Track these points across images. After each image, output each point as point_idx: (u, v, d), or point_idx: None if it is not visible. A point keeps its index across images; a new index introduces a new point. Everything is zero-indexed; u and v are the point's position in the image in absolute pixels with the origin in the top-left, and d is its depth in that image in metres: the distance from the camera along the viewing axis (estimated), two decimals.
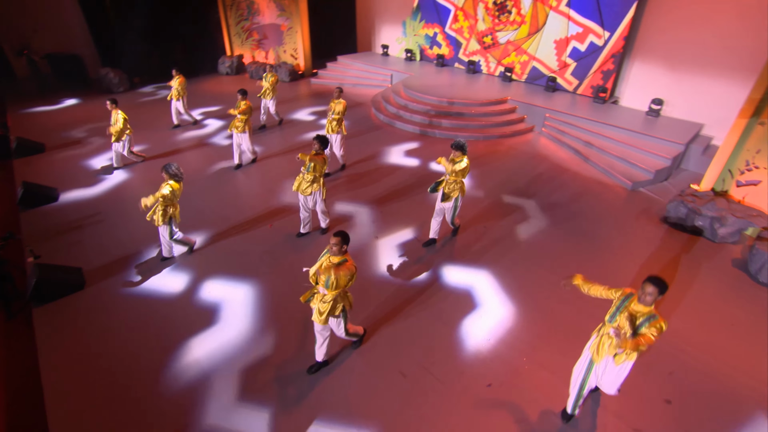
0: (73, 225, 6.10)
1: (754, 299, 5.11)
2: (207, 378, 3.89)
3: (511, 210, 6.76)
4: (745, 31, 7.88)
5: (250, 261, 5.44)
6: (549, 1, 10.30)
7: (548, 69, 10.98)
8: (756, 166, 6.37)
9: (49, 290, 4.66)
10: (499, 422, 3.59)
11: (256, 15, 14.63)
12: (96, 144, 8.93)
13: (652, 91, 9.46)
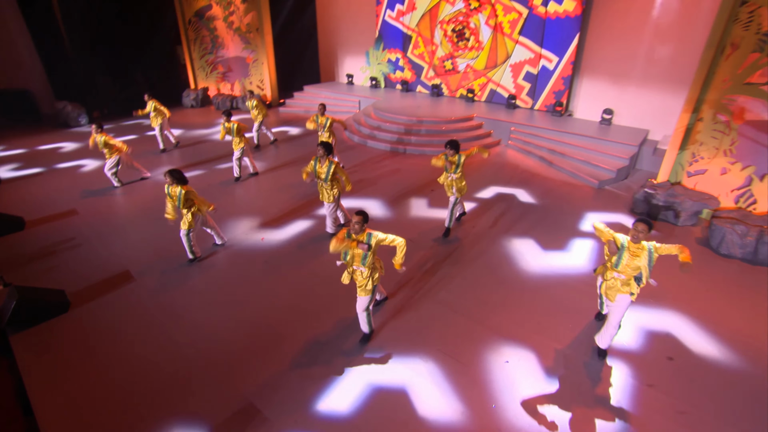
0: (46, 251, 5.82)
1: (720, 269, 5.72)
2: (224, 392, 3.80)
3: (495, 206, 7.20)
4: (674, 45, 9.15)
5: (253, 272, 5.42)
6: (504, 30, 11.43)
7: (506, 90, 12.00)
8: (701, 156, 7.25)
9: (30, 314, 4.40)
10: (520, 392, 3.75)
11: (221, 49, 15.00)
12: (54, 173, 8.64)
13: (601, 103, 10.56)
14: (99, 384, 3.76)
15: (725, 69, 6.74)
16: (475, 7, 11.70)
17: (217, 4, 14.43)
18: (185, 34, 15.09)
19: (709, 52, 6.79)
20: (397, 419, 3.46)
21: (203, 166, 9.21)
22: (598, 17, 10.12)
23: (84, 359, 4.07)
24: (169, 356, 4.07)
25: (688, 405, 3.68)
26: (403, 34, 13.44)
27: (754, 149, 6.68)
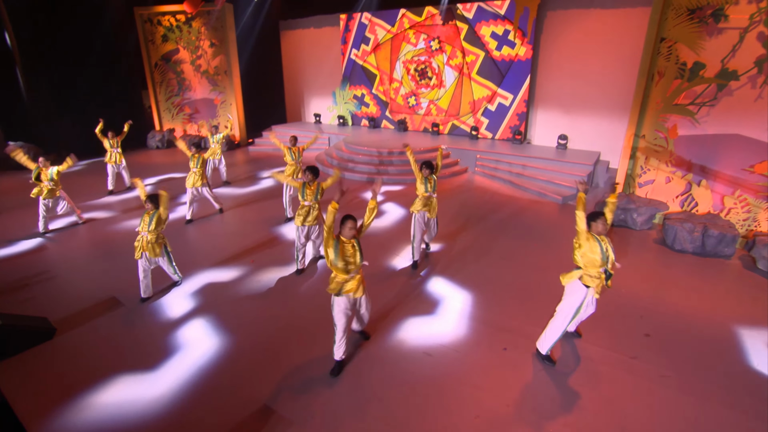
0: (17, 285, 5.67)
1: (676, 262, 6.50)
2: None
3: (469, 226, 7.78)
4: (613, 76, 10.62)
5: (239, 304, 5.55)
6: (464, 70, 12.73)
7: (466, 125, 13.15)
8: (648, 168, 8.33)
9: (14, 341, 4.29)
10: (518, 376, 4.10)
11: (188, 91, 15.43)
12: (14, 212, 8.43)
13: (556, 130, 11.83)
14: (99, 407, 3.73)
15: (656, 93, 7.99)
16: (436, 48, 13.00)
17: (185, 49, 15.04)
18: (151, 77, 15.45)
19: (641, 80, 8.04)
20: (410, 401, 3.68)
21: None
22: (546, 58, 11.60)
23: (76, 383, 4.00)
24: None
25: (669, 371, 4.16)
26: (368, 71, 14.52)
27: (688, 158, 7.81)
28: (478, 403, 3.74)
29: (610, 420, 3.57)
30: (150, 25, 14.98)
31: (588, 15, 10.85)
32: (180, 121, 15.83)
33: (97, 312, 5.07)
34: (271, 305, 5.28)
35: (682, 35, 7.52)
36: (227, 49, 14.54)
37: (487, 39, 12.10)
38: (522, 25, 11.44)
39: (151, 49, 15.28)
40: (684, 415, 3.63)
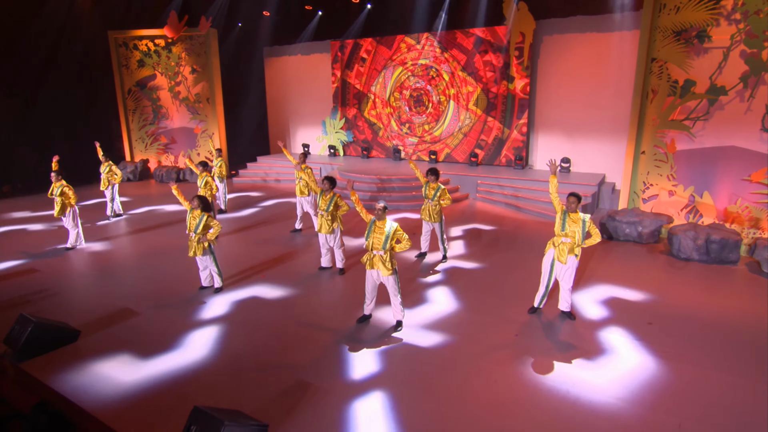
0: (17, 302, 6.36)
1: (681, 269, 7.62)
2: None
3: (472, 244, 8.83)
4: (611, 98, 12.23)
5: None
6: (460, 101, 14.34)
7: (462, 154, 14.59)
8: (651, 184, 9.65)
9: (45, 341, 5.01)
10: (532, 362, 4.99)
11: (164, 119, 16.66)
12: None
13: (559, 154, 13.27)
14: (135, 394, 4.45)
15: (652, 110, 9.48)
16: (433, 77, 14.66)
17: (162, 74, 16.44)
18: (123, 103, 16.66)
19: (636, 99, 9.57)
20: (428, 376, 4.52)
21: (158, 230, 10.16)
22: (544, 82, 13.29)
23: (106, 377, 4.71)
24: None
25: (674, 348, 5.11)
26: (360, 93, 16.04)
27: (690, 172, 9.17)
28: (500, 363, 4.59)
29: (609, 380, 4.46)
30: (125, 50, 16.42)
31: (584, 39, 12.67)
32: (154, 152, 16.90)
33: (113, 320, 5.83)
34: (292, 302, 6.10)
35: (671, 55, 9.14)
36: (210, 76, 15.98)
37: (485, 72, 13.80)
38: (519, 51, 13.19)
39: (124, 74, 16.62)
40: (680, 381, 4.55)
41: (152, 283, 7.09)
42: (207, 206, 6.34)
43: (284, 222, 10.50)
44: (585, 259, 8.11)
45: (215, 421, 3.36)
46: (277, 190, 14.47)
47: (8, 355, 4.98)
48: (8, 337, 5.02)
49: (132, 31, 16.16)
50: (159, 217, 11.11)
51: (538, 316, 5.92)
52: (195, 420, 3.47)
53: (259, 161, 16.90)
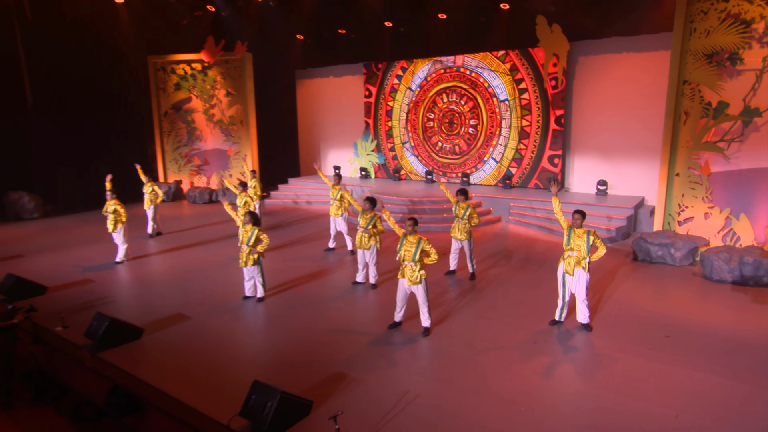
0: (81, 307, 7.69)
1: (713, 291, 8.34)
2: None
3: (501, 264, 9.78)
4: (646, 119, 13.07)
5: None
6: (493, 125, 15.48)
7: (494, 179, 15.64)
8: (686, 206, 10.41)
9: (116, 336, 6.27)
10: (547, 363, 5.89)
11: (198, 141, 18.41)
12: (38, 255, 10.73)
13: (596, 177, 14.11)
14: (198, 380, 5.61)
15: (685, 132, 10.33)
16: (465, 100, 15.87)
17: (198, 97, 18.28)
18: (159, 125, 18.55)
19: (669, 121, 10.44)
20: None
21: (197, 247, 11.55)
22: (580, 104, 14.28)
23: (173, 366, 5.90)
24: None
25: (685, 357, 5.91)
26: (393, 120, 17.37)
27: (726, 194, 9.90)
28: (515, 363, 5.53)
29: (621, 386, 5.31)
30: (163, 73, 18.39)
31: (620, 59, 13.65)
32: (188, 173, 18.62)
33: (168, 322, 7.10)
34: (329, 311, 7.27)
35: (702, 78, 10.03)
36: (244, 99, 17.70)
37: (518, 96, 14.91)
38: (555, 81, 14.24)
39: (161, 97, 18.56)
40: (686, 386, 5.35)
41: (198, 293, 8.34)
42: (257, 221, 7.61)
43: (317, 241, 11.70)
44: (610, 277, 8.95)
45: (273, 391, 4.46)
46: (309, 211, 15.78)
47: (87, 347, 6.24)
48: (87, 331, 6.29)
49: (170, 56, 18.13)
50: (195, 236, 12.51)
51: (557, 327, 6.81)
52: (255, 391, 4.57)
53: (290, 183, 18.36)
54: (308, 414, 4.77)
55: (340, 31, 17.40)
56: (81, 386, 6.57)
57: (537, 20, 13.94)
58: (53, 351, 6.92)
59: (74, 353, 6.50)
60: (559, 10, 13.56)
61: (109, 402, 5.75)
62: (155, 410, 5.50)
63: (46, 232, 13.25)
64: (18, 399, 6.43)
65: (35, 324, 6.99)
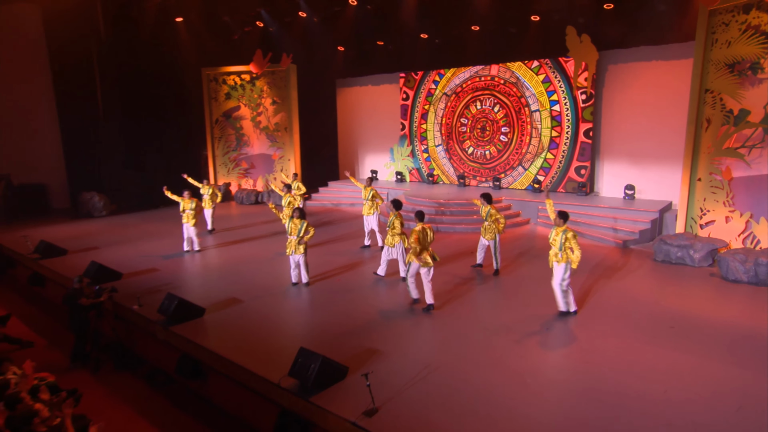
0: (151, 290, 8.87)
1: (727, 290, 8.76)
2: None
3: (524, 262, 10.44)
4: (675, 125, 13.39)
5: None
6: (525, 131, 16.08)
7: (524, 183, 16.19)
8: (708, 210, 10.78)
9: (183, 313, 7.36)
10: (553, 345, 6.58)
11: (245, 146, 19.76)
12: (110, 248, 12.08)
13: (625, 182, 14.49)
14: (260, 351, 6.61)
15: (707, 139, 10.72)
16: (497, 108, 16.54)
17: (246, 106, 19.64)
18: (211, 132, 20.01)
19: (691, 128, 10.86)
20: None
21: (245, 243, 12.69)
22: (609, 111, 14.72)
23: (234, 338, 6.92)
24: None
25: (685, 345, 6.47)
26: (428, 126, 18.20)
27: (746, 198, 10.24)
28: (526, 345, 6.26)
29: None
30: (215, 84, 19.85)
31: (649, 67, 14.04)
32: (236, 176, 20.00)
33: (225, 305, 8.17)
34: (363, 297, 8.18)
35: (724, 86, 10.41)
36: (289, 107, 18.92)
37: (547, 105, 15.48)
38: (585, 95, 14.73)
39: (213, 106, 20.02)
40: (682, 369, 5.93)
41: (249, 281, 9.40)
42: (304, 215, 8.65)
43: (354, 239, 12.64)
44: (628, 276, 9.49)
45: (316, 356, 5.38)
46: (349, 212, 16.76)
47: (159, 322, 7.35)
48: (160, 308, 7.42)
49: (222, 68, 19.57)
50: (244, 233, 13.70)
51: (570, 317, 7.44)
52: (301, 356, 5.50)
53: (330, 186, 19.45)
54: (344, 378, 5.65)
55: (379, 43, 18.36)
56: (153, 356, 7.71)
57: (567, 31, 14.45)
58: (130, 326, 8.11)
59: (148, 328, 7.63)
60: (587, 21, 14.07)
61: (178, 369, 6.83)
62: (216, 375, 6.53)
63: (114, 228, 14.75)
64: (103, 366, 7.62)
65: (115, 303, 8.19)
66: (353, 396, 5.29)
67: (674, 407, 5.12)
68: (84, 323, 7.68)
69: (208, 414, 6.51)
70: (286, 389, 5.47)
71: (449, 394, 5.44)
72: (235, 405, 6.36)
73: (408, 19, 15.83)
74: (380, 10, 16.18)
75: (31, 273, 10.98)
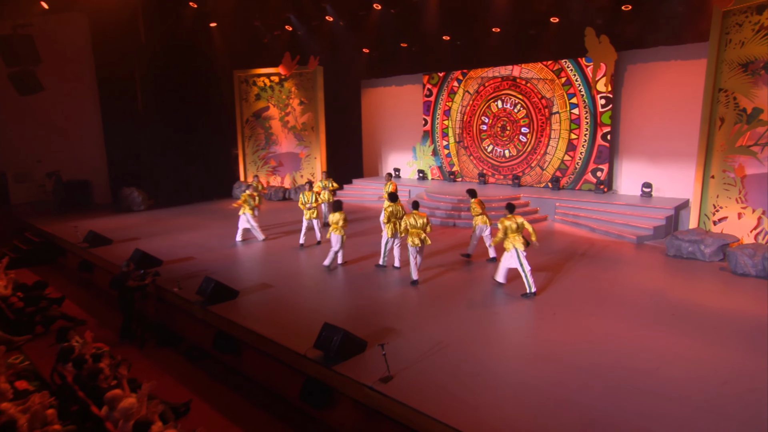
0: (189, 275, 9.65)
1: (734, 283, 9.05)
2: None
3: (552, 252, 10.90)
4: (692, 124, 13.58)
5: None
6: (544, 129, 16.44)
7: (544, 178, 16.55)
8: (720, 207, 11.02)
9: (220, 295, 8.11)
10: (559, 327, 7.06)
11: (274, 145, 20.61)
12: (150, 238, 12.99)
13: (641, 179, 14.72)
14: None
15: (720, 137, 10.96)
16: (517, 109, 16.93)
17: (275, 106, 20.47)
18: (242, 131, 20.94)
19: (704, 126, 11.12)
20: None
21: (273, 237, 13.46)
22: (628, 110, 14.97)
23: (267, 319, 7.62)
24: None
25: (680, 328, 6.87)
26: (450, 124, 18.71)
27: (759, 195, 10.45)
28: (533, 326, 6.77)
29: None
30: (246, 85, 20.76)
31: (667, 66, 14.24)
32: (264, 173, 20.87)
33: (257, 288, 8.92)
34: (381, 281, 8.79)
35: (737, 86, 10.64)
36: (315, 107, 19.68)
37: (566, 107, 15.80)
38: (605, 100, 15.01)
39: (244, 106, 20.93)
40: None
41: (278, 269, 10.13)
42: (341, 206, 9.65)
43: (377, 233, 13.23)
44: (639, 270, 9.87)
45: (338, 330, 6.01)
46: (371, 209, 17.40)
47: (198, 302, 8.12)
48: (198, 290, 8.18)
49: (252, 70, 20.45)
50: (272, 227, 14.46)
51: (581, 306, 7.91)
52: (325, 330, 6.15)
53: (354, 183, 20.12)
54: (363, 351, 6.27)
55: (402, 45, 18.91)
56: (192, 334, 8.48)
57: (585, 32, 14.76)
58: (171, 307, 8.91)
59: (187, 308, 8.41)
60: (606, 23, 14.35)
61: (214, 344, 7.56)
62: (249, 349, 7.24)
63: (152, 221, 15.72)
64: (147, 342, 8.44)
65: (158, 286, 9.00)
66: (371, 366, 5.90)
67: (663, 381, 5.57)
68: (130, 304, 8.52)
69: (241, 384, 7.23)
70: (312, 359, 6.13)
71: (458, 365, 6.01)
72: (264, 375, 7.06)
73: (430, 22, 16.35)
74: (403, 14, 16.75)
75: (81, 260, 11.96)
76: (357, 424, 5.78)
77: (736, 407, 5.08)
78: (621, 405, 5.15)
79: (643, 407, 5.10)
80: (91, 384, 5.32)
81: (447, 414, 4.97)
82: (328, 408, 5.96)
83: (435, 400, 5.26)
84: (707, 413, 4.99)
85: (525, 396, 5.38)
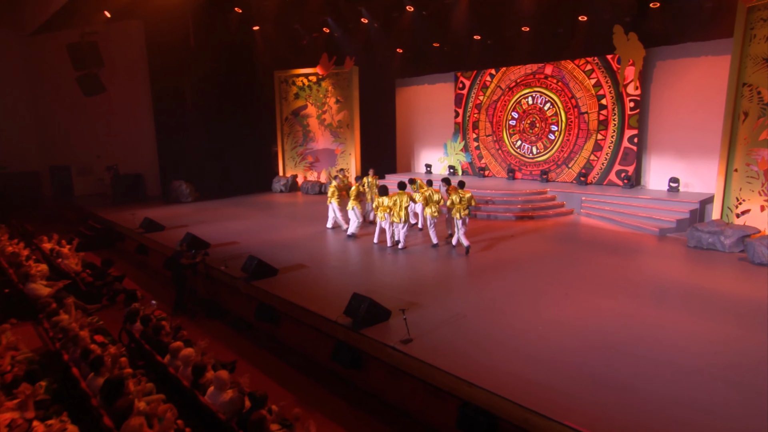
0: (234, 257, 10.59)
1: (752, 272, 9.29)
2: None
3: (574, 242, 11.34)
4: (719, 119, 13.64)
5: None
6: (572, 126, 16.74)
7: (570, 177, 16.85)
8: (743, 199, 11.18)
9: (264, 272, 9.02)
10: (570, 304, 7.58)
11: (311, 141, 21.60)
12: (198, 225, 14.05)
13: (669, 174, 14.85)
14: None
15: (744, 131, 11.13)
16: (547, 107, 17.29)
17: (312, 105, 21.46)
18: (281, 128, 22.03)
19: (728, 120, 11.30)
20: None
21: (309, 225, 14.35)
22: (657, 106, 15.13)
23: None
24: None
25: (688, 309, 7.29)
26: (479, 121, 19.21)
27: None
28: (554, 306, 7.34)
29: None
30: (285, 85, 21.82)
31: (697, 62, 14.35)
32: (302, 168, 21.89)
33: (295, 267, 9.81)
34: (404, 261, 9.50)
35: (762, 80, 10.80)
36: (351, 105, 20.54)
37: (595, 105, 16.07)
38: (634, 103, 15.23)
39: (283, 105, 22.01)
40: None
41: (314, 252, 10.98)
42: (385, 191, 10.84)
43: None
44: (659, 260, 10.21)
45: (365, 298, 6.77)
46: None
47: (242, 278, 9.04)
48: (243, 267, 9.11)
49: (292, 70, 21.49)
50: (309, 218, 15.37)
51: (593, 288, 8.40)
52: (353, 299, 6.92)
53: (387, 178, 20.83)
54: (388, 319, 7.00)
55: (434, 45, 19.53)
56: (236, 306, 9.41)
57: (614, 30, 15.01)
58: (218, 284, 9.88)
59: (233, 283, 9.34)
60: (634, 20, 14.57)
61: (257, 314, 8.44)
62: (287, 318, 8.08)
63: (199, 211, 16.92)
64: (197, 315, 9.42)
65: (207, 265, 9.99)
66: (394, 331, 6.63)
67: (661, 349, 6.08)
68: (183, 280, 9.53)
69: (279, 349, 8.09)
70: (342, 324, 6.90)
71: (474, 332, 6.68)
72: (299, 341, 7.90)
73: (461, 23, 16.91)
74: (435, 15, 17.38)
75: (138, 244, 13.17)
76: (380, 383, 6.51)
77: (725, 372, 5.54)
78: (615, 367, 5.70)
79: (637, 369, 5.63)
80: (155, 338, 6.25)
81: (461, 370, 5.64)
82: (355, 368, 6.71)
83: (450, 359, 5.93)
84: (693, 376, 5.48)
85: (533, 359, 5.98)
